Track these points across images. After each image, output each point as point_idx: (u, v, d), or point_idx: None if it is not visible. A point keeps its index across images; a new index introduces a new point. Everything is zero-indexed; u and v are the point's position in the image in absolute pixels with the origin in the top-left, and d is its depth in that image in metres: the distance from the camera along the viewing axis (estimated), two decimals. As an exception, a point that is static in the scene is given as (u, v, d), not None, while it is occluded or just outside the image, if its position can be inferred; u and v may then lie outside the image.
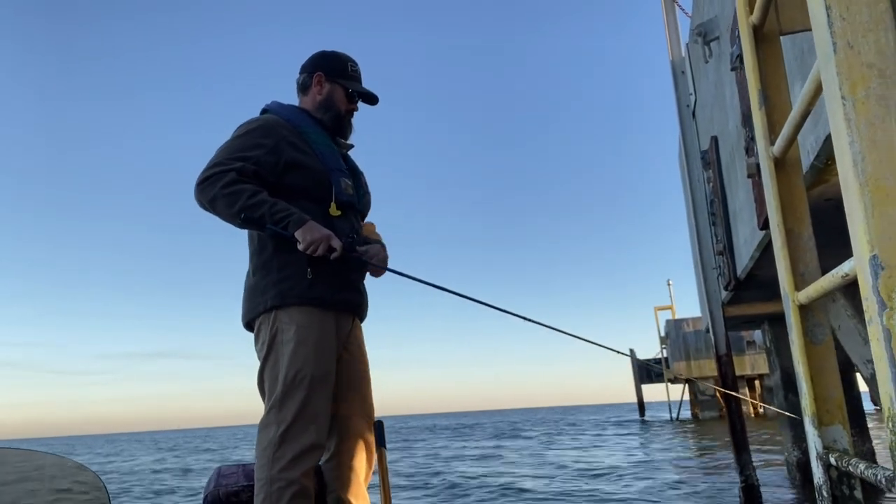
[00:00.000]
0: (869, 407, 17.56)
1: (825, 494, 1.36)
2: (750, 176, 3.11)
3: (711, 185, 5.29)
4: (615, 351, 2.82)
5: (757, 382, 27.03)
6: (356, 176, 2.47)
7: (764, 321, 7.37)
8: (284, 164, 2.22)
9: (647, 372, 30.24)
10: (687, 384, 28.04)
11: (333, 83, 2.39)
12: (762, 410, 25.86)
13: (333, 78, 2.40)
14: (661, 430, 21.95)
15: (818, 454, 1.37)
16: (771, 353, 7.24)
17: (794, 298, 1.42)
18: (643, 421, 30.16)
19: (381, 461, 2.32)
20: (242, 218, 2.10)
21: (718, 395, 22.82)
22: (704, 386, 24.31)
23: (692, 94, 5.94)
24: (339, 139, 2.44)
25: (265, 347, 2.18)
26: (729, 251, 4.89)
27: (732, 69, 3.17)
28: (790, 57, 2.41)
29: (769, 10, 1.49)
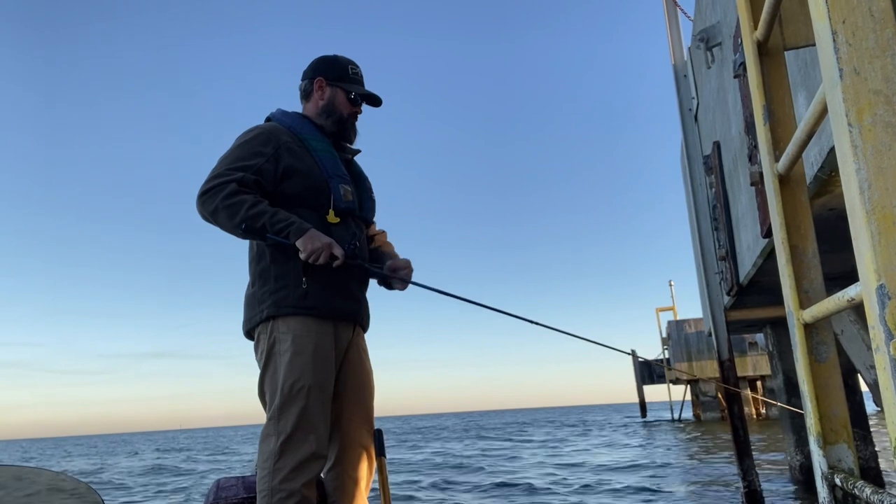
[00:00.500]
0: (871, 408, 17.54)
1: (830, 514, 1.35)
2: (753, 184, 3.10)
3: (714, 190, 5.27)
4: (617, 350, 2.82)
5: (759, 383, 26.97)
6: (360, 181, 2.46)
7: (766, 325, 7.36)
8: (282, 171, 2.22)
9: (648, 373, 30.17)
10: (689, 385, 28.00)
11: (334, 87, 2.39)
12: (764, 412, 25.82)
13: (334, 82, 2.40)
14: (662, 430, 21.94)
15: (823, 474, 1.36)
16: (773, 356, 7.22)
17: (798, 317, 1.41)
18: (645, 422, 30.14)
19: (381, 470, 2.32)
20: (244, 229, 2.10)
21: (721, 396, 22.78)
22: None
23: (694, 97, 5.92)
24: (344, 144, 2.44)
25: (264, 357, 2.19)
26: (731, 257, 4.87)
27: (735, 76, 3.16)
28: (794, 69, 2.39)
29: (773, 25, 1.48)
